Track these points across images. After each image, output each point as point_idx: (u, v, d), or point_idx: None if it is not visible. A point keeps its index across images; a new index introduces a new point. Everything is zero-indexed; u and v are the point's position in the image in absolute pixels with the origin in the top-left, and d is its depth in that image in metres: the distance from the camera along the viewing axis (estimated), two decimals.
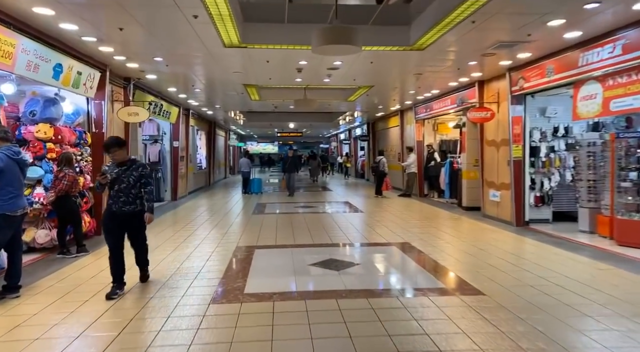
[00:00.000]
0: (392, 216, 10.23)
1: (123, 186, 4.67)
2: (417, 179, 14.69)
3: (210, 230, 8.52)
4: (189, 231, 8.39)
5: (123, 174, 4.70)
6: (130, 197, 4.70)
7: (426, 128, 14.74)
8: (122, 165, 4.75)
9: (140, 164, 4.84)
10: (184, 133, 15.25)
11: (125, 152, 4.81)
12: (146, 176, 4.80)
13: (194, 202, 13.70)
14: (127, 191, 4.68)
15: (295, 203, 13.10)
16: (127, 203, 4.69)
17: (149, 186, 4.82)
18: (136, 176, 4.73)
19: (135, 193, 4.72)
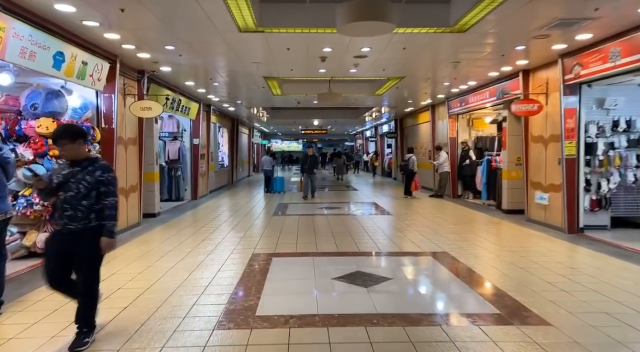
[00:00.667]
0: (424, 219, 9.33)
1: (70, 195, 3.31)
2: (450, 178, 13.68)
3: (227, 233, 7.87)
4: (204, 234, 7.77)
5: (72, 177, 3.35)
6: (80, 211, 3.30)
7: (460, 124, 13.69)
8: (75, 166, 3.40)
9: (101, 166, 3.43)
10: (205, 130, 14.75)
11: (79, 147, 3.40)
12: (107, 183, 3.38)
13: (214, 201, 13.17)
14: (76, 201, 3.31)
15: (319, 204, 12.35)
16: (74, 218, 3.30)
17: (110, 196, 3.37)
18: (90, 182, 3.33)
19: (87, 205, 3.32)
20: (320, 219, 9.56)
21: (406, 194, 13.85)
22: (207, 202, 12.89)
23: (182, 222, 9.17)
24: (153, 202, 9.82)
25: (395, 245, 6.87)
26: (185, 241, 7.19)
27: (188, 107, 12.25)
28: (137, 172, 8.71)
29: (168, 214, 10.32)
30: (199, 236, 7.69)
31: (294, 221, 9.28)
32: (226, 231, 8.17)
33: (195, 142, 13.54)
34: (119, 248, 6.53)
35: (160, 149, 12.98)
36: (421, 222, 9.05)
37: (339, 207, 11.61)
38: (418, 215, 10.03)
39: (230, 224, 8.97)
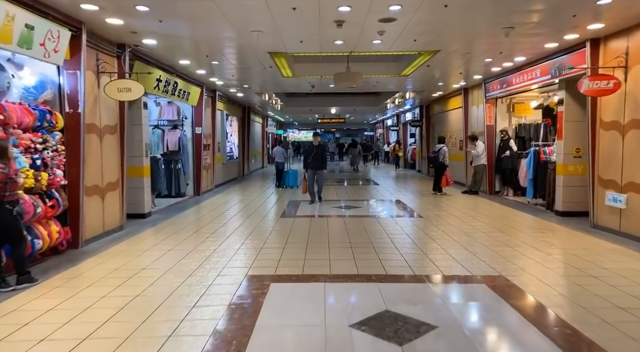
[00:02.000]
0: (462, 224, 7.69)
1: None
2: (486, 172, 11.92)
3: (221, 243, 6.41)
4: (192, 244, 6.34)
5: None
6: None
7: (499, 109, 11.86)
8: None
9: None
10: (209, 118, 13.32)
11: None
12: None
13: (218, 198, 11.77)
14: None
15: (335, 202, 10.80)
16: None
17: None
18: None
19: None
20: (335, 222, 8.02)
21: (435, 190, 12.17)
22: (211, 199, 11.50)
23: (172, 226, 7.77)
24: (142, 200, 8.44)
25: (433, 264, 5.28)
26: (166, 255, 5.76)
27: (187, 91, 10.81)
28: (118, 166, 7.31)
29: (161, 214, 8.95)
30: (186, 245, 6.26)
31: (305, 224, 7.77)
32: (221, 238, 6.71)
33: (197, 132, 12.12)
34: (70, 269, 5.15)
35: (158, 139, 11.63)
36: (459, 227, 7.41)
37: (358, 205, 10.03)
38: (453, 217, 8.38)
39: (228, 228, 7.52)
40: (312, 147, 10.42)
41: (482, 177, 11.94)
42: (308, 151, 10.57)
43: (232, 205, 10.39)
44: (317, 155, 10.26)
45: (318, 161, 10.23)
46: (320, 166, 10.25)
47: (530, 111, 11.46)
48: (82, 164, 5.99)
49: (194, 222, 8.17)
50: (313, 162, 10.26)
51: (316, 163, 10.24)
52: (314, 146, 10.38)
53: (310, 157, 10.33)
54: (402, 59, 10.35)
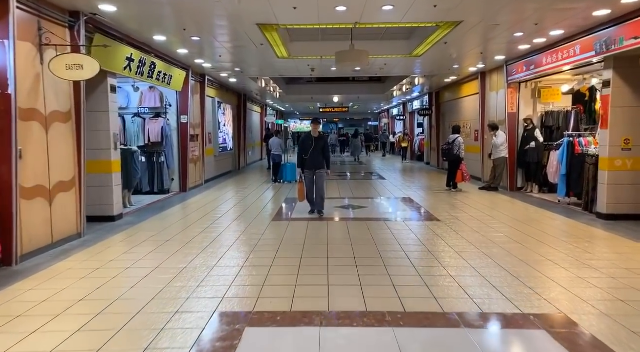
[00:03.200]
0: (488, 230, 6.39)
1: None
2: (507, 166, 10.59)
3: (194, 258, 5.15)
4: (158, 259, 5.08)
5: None
6: None
7: (522, 95, 10.49)
8: None
9: None
10: (198, 106, 12.02)
11: None
12: None
13: (207, 195, 10.51)
14: None
15: (337, 200, 9.52)
16: None
17: None
18: None
19: None
20: (337, 227, 6.74)
21: (449, 186, 10.85)
22: (198, 196, 10.24)
23: (143, 232, 6.51)
24: (110, 200, 7.19)
25: (465, 293, 3.99)
26: (119, 277, 4.50)
27: (169, 74, 9.48)
28: (73, 161, 6.03)
29: (135, 216, 7.70)
30: (151, 261, 5.01)
31: (300, 231, 6.50)
32: (197, 250, 5.45)
33: (183, 121, 10.83)
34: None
35: (139, 129, 10.36)
36: (485, 233, 6.12)
37: (362, 205, 8.73)
38: (476, 221, 7.08)
39: (209, 236, 6.26)
40: (310, 139, 7.51)
41: (502, 171, 10.61)
42: (304, 144, 7.59)
43: (220, 204, 9.12)
44: (316, 150, 7.43)
45: (318, 158, 7.46)
46: (320, 165, 7.51)
47: (559, 97, 10.08)
48: (14, 160, 4.73)
49: (170, 226, 6.91)
50: (311, 160, 7.43)
51: (316, 161, 7.45)
52: (312, 138, 7.50)
53: (307, 152, 7.46)
54: (415, 36, 8.98)
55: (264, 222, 7.15)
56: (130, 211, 8.11)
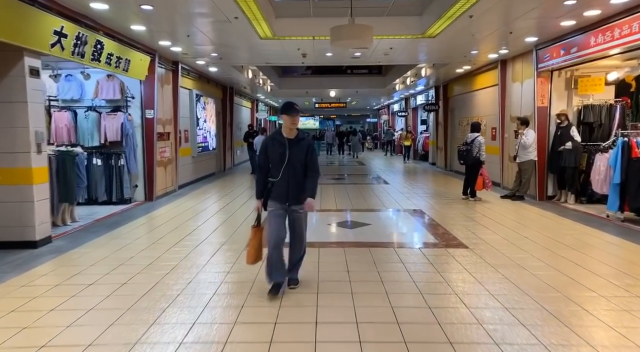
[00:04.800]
0: (538, 264, 4.65)
1: None
2: (536, 171, 8.87)
3: (116, 320, 3.39)
4: (62, 321, 3.33)
5: None
6: None
7: (555, 86, 8.75)
8: None
9: None
10: (169, 98, 10.23)
11: None
12: None
13: (177, 205, 8.75)
14: None
15: (331, 213, 7.80)
16: None
17: None
18: None
19: None
20: (331, 258, 5.00)
21: (466, 193, 9.13)
22: (165, 207, 8.48)
23: (65, 268, 4.75)
24: (31, 221, 5.41)
25: None
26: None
27: (125, 58, 7.69)
28: None
29: (68, 240, 5.91)
30: (45, 330, 3.25)
31: None
32: (125, 304, 3.70)
33: (148, 116, 9.04)
34: None
35: (93, 126, 8.56)
36: (539, 270, 4.38)
37: (365, 221, 6.98)
38: (514, 247, 5.34)
39: (154, 273, 4.50)
40: (279, 143, 3.82)
41: (530, 177, 8.88)
42: (268, 152, 3.86)
43: (189, 218, 7.34)
44: (292, 166, 3.81)
45: (294, 180, 3.83)
46: (299, 194, 3.85)
47: (601, 87, 8.34)
48: None
49: (108, 257, 5.13)
50: (283, 184, 3.83)
51: (290, 186, 3.83)
52: (283, 141, 3.80)
53: (276, 170, 3.83)
54: (430, 11, 7.22)
55: (237, 250, 5.39)
56: (68, 231, 6.34)
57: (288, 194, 3.83)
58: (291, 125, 3.77)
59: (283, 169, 3.78)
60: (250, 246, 3.93)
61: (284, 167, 3.78)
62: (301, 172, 3.84)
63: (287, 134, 3.82)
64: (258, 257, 3.95)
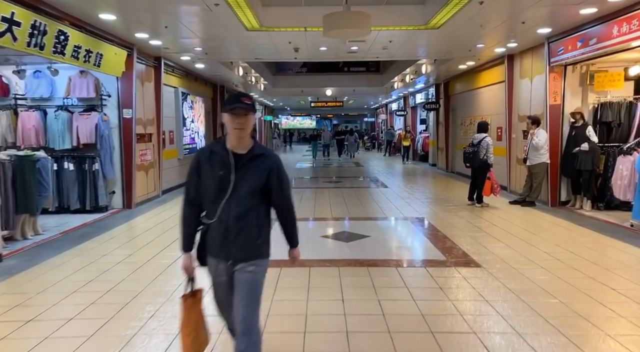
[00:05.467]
0: (567, 288, 3.94)
1: None
2: (548, 174, 8.17)
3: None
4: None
5: None
6: None
7: (569, 82, 8.05)
8: None
9: None
10: (152, 97, 9.48)
11: None
12: None
13: (158, 212, 8.02)
14: None
15: (329, 222, 7.08)
16: None
17: None
18: None
19: None
20: (324, 280, 4.26)
21: (472, 199, 8.41)
22: (145, 215, 7.74)
23: (8, 296, 4.00)
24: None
25: None
26: None
27: (97, 52, 6.93)
28: None
29: (24, 258, 5.15)
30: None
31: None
32: (72, 346, 2.96)
33: (126, 116, 8.29)
34: None
35: (64, 127, 7.81)
36: (584, 305, 3.66)
37: (363, 232, 6.23)
38: (534, 266, 4.63)
39: (116, 300, 3.76)
40: (221, 156, 2.23)
41: (542, 181, 8.18)
42: (200, 169, 2.30)
43: (165, 230, 6.58)
44: (238, 192, 2.21)
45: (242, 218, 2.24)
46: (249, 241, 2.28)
47: (620, 83, 7.62)
48: None
49: (66, 278, 4.39)
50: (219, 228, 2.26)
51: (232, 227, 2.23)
52: (226, 152, 2.23)
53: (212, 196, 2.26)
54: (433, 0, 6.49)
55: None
56: (25, 247, 5.59)
57: (229, 245, 2.23)
58: (239, 132, 2.19)
59: (223, 204, 2.21)
60: (183, 332, 2.34)
61: (225, 201, 2.20)
62: (255, 211, 2.24)
63: (234, 146, 2.23)
64: (200, 345, 2.39)
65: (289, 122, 44.93)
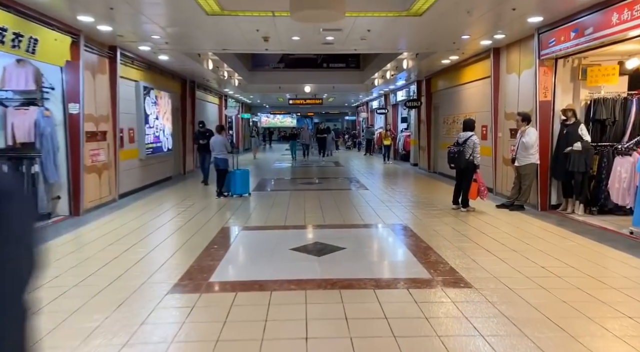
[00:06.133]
0: (584, 322, 3.29)
1: None
2: (537, 176, 7.60)
3: None
4: None
5: None
6: None
7: (559, 77, 7.48)
8: None
9: None
10: (107, 91, 8.54)
11: None
12: None
13: (111, 218, 7.13)
14: None
15: (300, 230, 6.32)
16: None
17: None
18: None
19: None
20: (286, 308, 3.49)
21: (457, 203, 7.78)
22: (92, 224, 6.82)
23: None
24: None
25: None
26: None
27: (29, 36, 5.99)
28: None
29: None
30: None
31: (217, 317, 3.22)
32: None
33: (72, 111, 7.35)
34: None
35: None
36: (603, 343, 3.00)
37: (337, 243, 5.48)
38: (534, 285, 3.97)
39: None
40: None
41: (532, 183, 7.60)
42: None
43: (110, 243, 5.69)
44: None
45: None
46: None
47: (615, 78, 7.08)
48: None
49: None
50: None
51: None
52: None
53: None
54: None
55: (154, 297, 3.82)
56: None
57: None
58: None
59: None
60: None
61: None
62: None
63: None
64: None
65: (269, 120, 43.95)
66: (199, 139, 11.46)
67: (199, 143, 11.47)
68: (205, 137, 10.82)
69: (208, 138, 10.38)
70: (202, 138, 11.29)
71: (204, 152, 11.16)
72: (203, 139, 11.12)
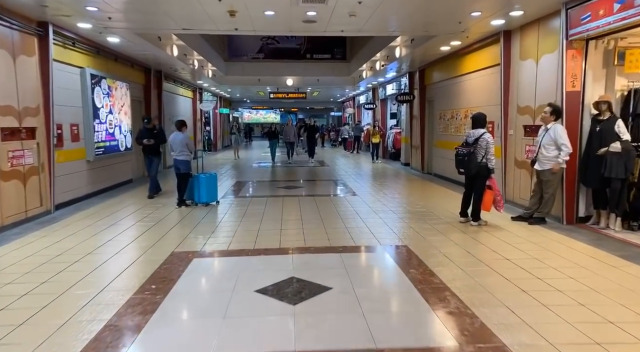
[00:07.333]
0: None
1: None
2: (562, 183, 6.28)
3: None
4: None
5: None
6: None
7: (591, 62, 6.15)
8: None
9: None
10: (34, 77, 6.89)
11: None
12: None
13: (37, 236, 5.54)
14: None
15: (274, 256, 4.86)
16: None
17: None
18: None
19: None
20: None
21: (466, 215, 6.41)
22: (6, 247, 5.22)
23: None
24: None
25: None
26: None
27: None
28: None
29: None
30: None
31: None
32: None
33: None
34: None
35: None
36: None
37: (319, 278, 4.04)
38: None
39: None
40: None
41: (555, 191, 6.27)
42: None
43: (34, 268, 4.13)
44: None
45: None
46: None
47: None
48: None
49: None
50: None
51: None
52: None
53: None
54: None
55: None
56: None
57: None
58: None
59: None
60: None
61: None
62: None
63: None
64: None
65: (252, 116, 42.23)
66: (144, 138, 8.64)
67: (143, 143, 8.64)
68: (153, 136, 8.65)
69: (156, 137, 8.70)
70: (147, 136, 8.63)
71: (150, 155, 8.77)
72: (149, 137, 8.61)
